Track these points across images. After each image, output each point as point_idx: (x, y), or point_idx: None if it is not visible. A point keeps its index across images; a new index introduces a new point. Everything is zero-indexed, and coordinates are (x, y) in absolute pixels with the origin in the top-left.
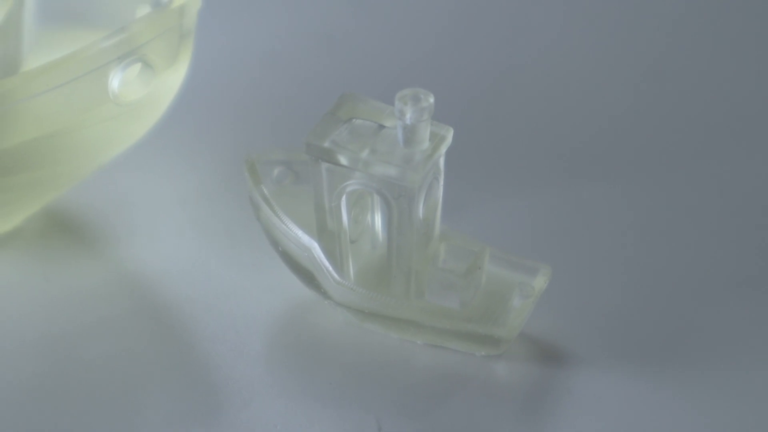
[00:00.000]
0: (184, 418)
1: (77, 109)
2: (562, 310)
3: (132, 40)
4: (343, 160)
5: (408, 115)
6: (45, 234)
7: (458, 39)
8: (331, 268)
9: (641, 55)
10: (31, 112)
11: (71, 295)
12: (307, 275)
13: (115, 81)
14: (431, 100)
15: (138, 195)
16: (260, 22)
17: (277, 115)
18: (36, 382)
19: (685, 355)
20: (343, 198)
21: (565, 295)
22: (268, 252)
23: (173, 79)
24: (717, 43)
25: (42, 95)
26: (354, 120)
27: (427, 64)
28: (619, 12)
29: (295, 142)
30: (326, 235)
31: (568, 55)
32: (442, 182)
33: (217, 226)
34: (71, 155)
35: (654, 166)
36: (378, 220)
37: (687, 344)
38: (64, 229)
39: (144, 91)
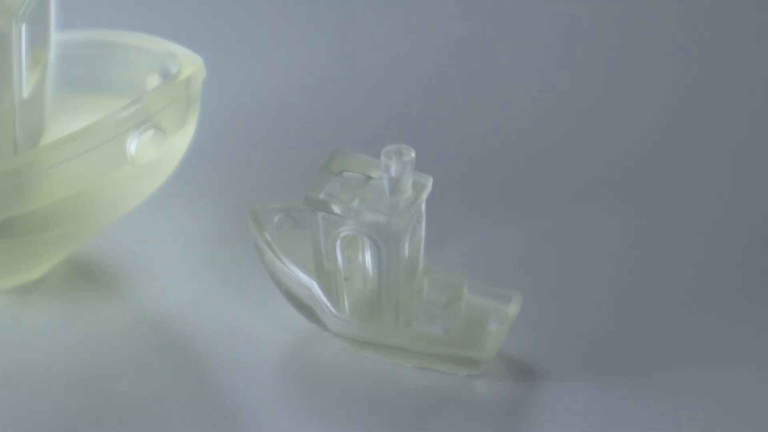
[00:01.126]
0: None
1: (98, 172)
2: (534, 331)
3: (147, 109)
4: (336, 209)
5: (393, 168)
6: (67, 280)
7: (433, 82)
8: (329, 304)
9: (611, 87)
10: (56, 178)
11: (95, 337)
12: (307, 310)
13: (132, 146)
14: (413, 154)
15: (151, 241)
16: (255, 77)
17: (272, 164)
18: (67, 420)
19: (653, 368)
20: (338, 242)
21: (536, 318)
22: (272, 290)
23: (183, 139)
24: (700, 58)
25: (67, 162)
26: (344, 173)
27: (407, 110)
28: (586, 48)
29: (291, 189)
30: (323, 274)
31: (538, 88)
32: (423, 224)
33: (225, 268)
34: (92, 212)
35: (615, 192)
36: (368, 258)
37: (654, 356)
38: (85, 275)
39: (157, 153)
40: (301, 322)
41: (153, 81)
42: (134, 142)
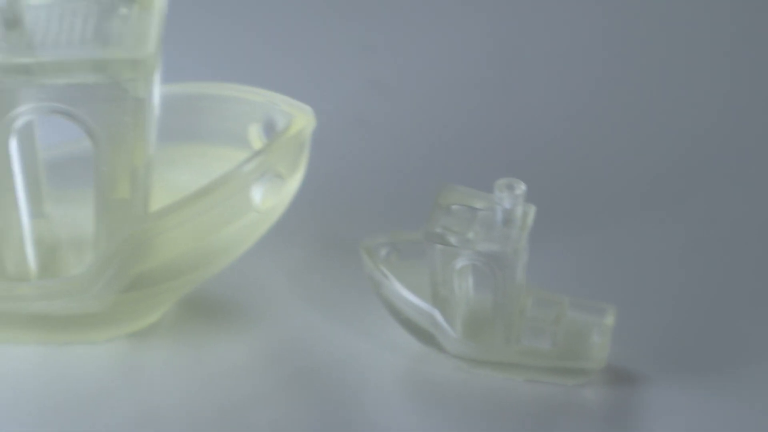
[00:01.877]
0: None
1: (225, 222)
2: (622, 337)
3: (269, 160)
4: (454, 242)
5: (506, 201)
6: (182, 321)
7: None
8: (449, 329)
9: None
10: (187, 231)
11: (219, 374)
12: (425, 335)
13: (257, 195)
14: (523, 187)
15: (255, 277)
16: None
17: (359, 201)
18: None
19: (745, 365)
20: (454, 271)
21: (623, 324)
22: (380, 318)
23: (295, 183)
24: None
25: (195, 218)
26: (452, 206)
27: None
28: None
29: (390, 222)
30: (439, 301)
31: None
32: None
33: (330, 300)
34: (215, 258)
35: (684, 195)
36: (470, 282)
37: (743, 354)
38: (197, 315)
39: (277, 198)
40: (412, 346)
41: (255, 130)
42: (259, 191)
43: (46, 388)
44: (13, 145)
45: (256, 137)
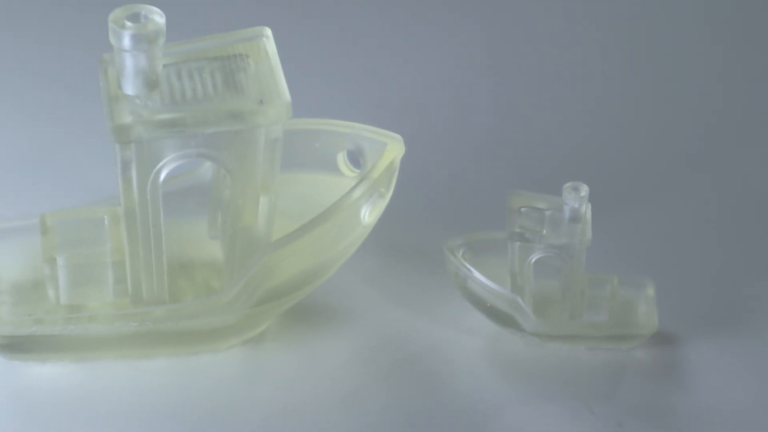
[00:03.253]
0: None
1: (338, 240)
2: (665, 306)
3: (375, 183)
4: (532, 239)
5: (573, 201)
6: (286, 326)
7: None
8: (529, 311)
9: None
10: (310, 250)
11: (331, 370)
12: (507, 318)
13: (366, 214)
14: (587, 189)
15: (342, 284)
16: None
17: (424, 206)
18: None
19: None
20: (531, 263)
21: (665, 295)
22: (454, 308)
23: (388, 199)
24: None
25: (317, 241)
26: (522, 209)
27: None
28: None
29: (455, 226)
30: (517, 289)
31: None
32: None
33: (411, 297)
34: (325, 272)
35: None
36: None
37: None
38: (299, 320)
39: (379, 213)
40: (487, 329)
41: (342, 157)
42: (366, 210)
43: (184, 395)
44: (159, 189)
45: (343, 163)
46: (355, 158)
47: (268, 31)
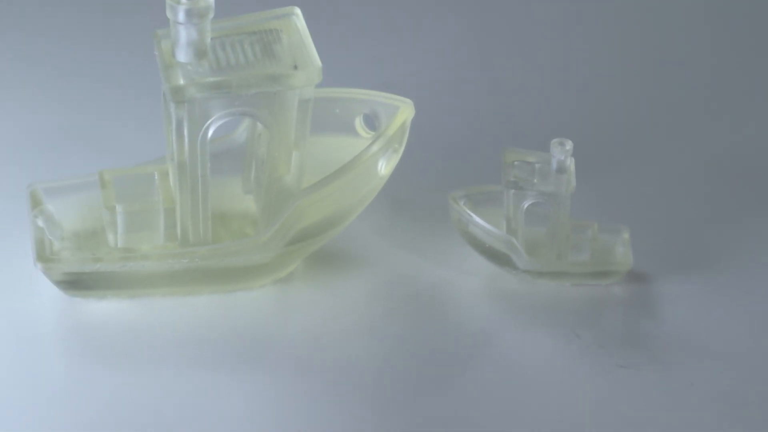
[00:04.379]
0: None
1: (359, 188)
2: (639, 249)
3: (391, 140)
4: (525, 186)
5: (559, 154)
6: (309, 268)
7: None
8: (522, 250)
9: None
10: (331, 200)
11: (349, 304)
12: (503, 258)
13: (382, 166)
14: (572, 143)
15: (354, 234)
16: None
17: (430, 162)
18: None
19: (735, 264)
20: (522, 209)
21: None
22: (455, 253)
23: (400, 155)
24: None
25: (341, 188)
26: (515, 162)
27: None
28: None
29: (457, 181)
30: (511, 231)
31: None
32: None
33: (415, 243)
34: (346, 218)
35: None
36: None
37: (735, 257)
38: (320, 263)
39: (393, 167)
40: (485, 270)
41: (359, 121)
42: (383, 163)
43: (225, 328)
44: (207, 144)
45: (360, 127)
46: (371, 122)
47: (298, 10)
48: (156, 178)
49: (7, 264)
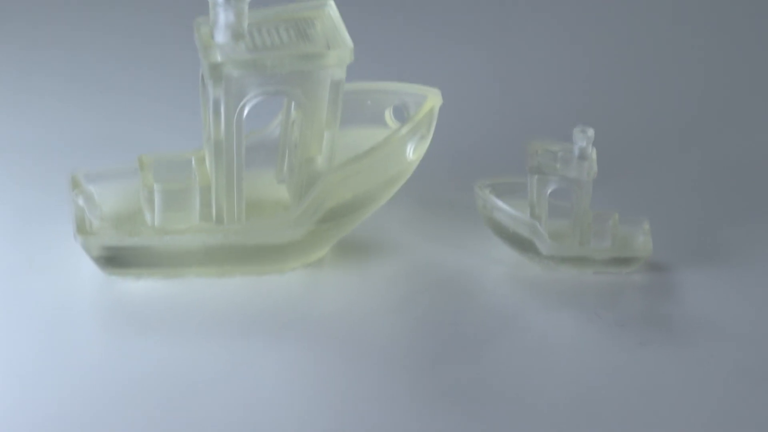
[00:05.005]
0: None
1: (387, 170)
2: (659, 242)
3: (419, 126)
4: (548, 172)
5: (582, 141)
6: (338, 255)
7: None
8: (546, 235)
9: None
10: (360, 178)
11: (377, 288)
12: (527, 244)
13: (411, 151)
14: (593, 131)
15: (381, 224)
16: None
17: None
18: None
19: (749, 256)
20: (546, 194)
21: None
22: (480, 242)
23: (428, 142)
24: None
25: (369, 167)
26: (538, 151)
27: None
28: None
29: (479, 175)
30: (535, 217)
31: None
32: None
33: (441, 232)
34: (375, 200)
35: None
36: None
37: (749, 249)
38: (349, 250)
39: (421, 153)
40: (509, 259)
41: (388, 113)
42: (411, 147)
43: (256, 309)
44: (243, 122)
45: (389, 118)
46: (400, 113)
47: (332, 1)
48: (193, 162)
49: (52, 247)
